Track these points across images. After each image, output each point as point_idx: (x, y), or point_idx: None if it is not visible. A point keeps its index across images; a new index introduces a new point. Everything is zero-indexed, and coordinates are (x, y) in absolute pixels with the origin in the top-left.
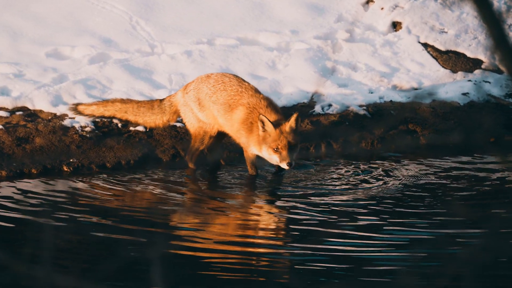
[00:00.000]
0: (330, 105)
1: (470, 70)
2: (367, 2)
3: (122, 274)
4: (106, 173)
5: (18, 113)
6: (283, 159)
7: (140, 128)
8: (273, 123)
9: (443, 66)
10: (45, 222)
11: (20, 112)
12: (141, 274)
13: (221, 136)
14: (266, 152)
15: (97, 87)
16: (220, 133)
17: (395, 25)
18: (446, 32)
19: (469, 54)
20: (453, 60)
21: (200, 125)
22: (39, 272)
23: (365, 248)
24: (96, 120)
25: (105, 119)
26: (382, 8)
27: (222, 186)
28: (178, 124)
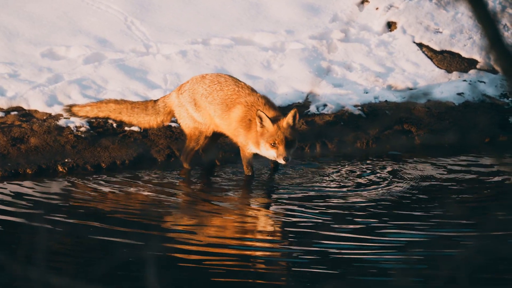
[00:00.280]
0: (325, 105)
1: (465, 70)
2: (362, 2)
3: (117, 276)
4: (101, 173)
5: (13, 113)
6: (280, 154)
7: (135, 128)
8: (271, 119)
9: (438, 66)
10: (39, 223)
11: (15, 112)
12: (136, 276)
13: (216, 137)
14: (264, 148)
15: (92, 87)
16: (215, 134)
17: (390, 25)
18: (441, 32)
19: (464, 54)
20: (448, 60)
21: (196, 126)
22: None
23: (362, 250)
24: (91, 120)
25: (100, 119)
26: (377, 8)
27: (218, 187)
28: (173, 124)
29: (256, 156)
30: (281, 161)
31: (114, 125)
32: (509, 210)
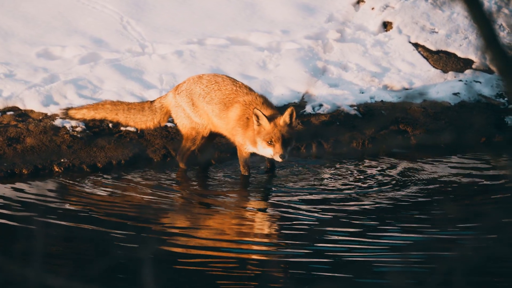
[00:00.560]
0: (321, 105)
1: (461, 70)
2: (358, 2)
3: (113, 275)
4: (97, 173)
5: (9, 113)
6: (277, 152)
7: (131, 128)
8: (268, 117)
9: (434, 66)
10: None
11: (11, 112)
12: (132, 275)
13: (213, 137)
14: (261, 146)
15: (88, 87)
16: (212, 134)
17: (386, 25)
18: (437, 32)
19: (460, 54)
20: (444, 60)
21: (193, 126)
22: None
23: (360, 250)
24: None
25: (97, 121)
26: (373, 8)
27: (214, 187)
28: (169, 124)
29: (253, 157)
30: (278, 159)
31: (110, 125)
32: (506, 211)
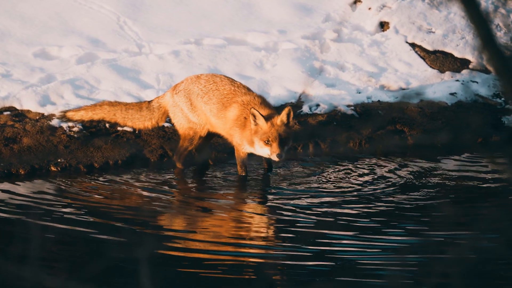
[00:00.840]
0: (318, 105)
1: (458, 70)
2: (355, 2)
3: (110, 275)
4: (94, 173)
5: (6, 113)
6: (274, 151)
7: (128, 128)
8: (265, 117)
9: (431, 66)
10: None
11: (8, 112)
12: (129, 275)
13: (210, 137)
14: (258, 145)
15: (85, 87)
16: (209, 134)
17: (383, 25)
18: (434, 32)
19: (457, 54)
20: (441, 60)
21: (190, 126)
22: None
23: (358, 251)
24: None
25: (95, 122)
26: (370, 8)
27: (211, 187)
28: (166, 124)
29: (250, 157)
30: (275, 158)
31: (107, 125)
32: (503, 211)
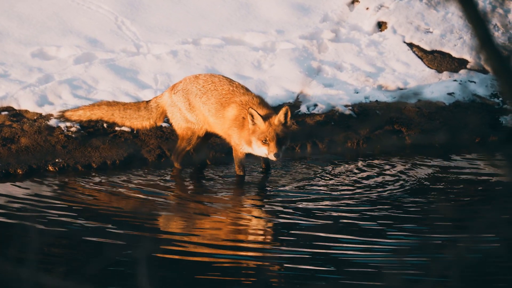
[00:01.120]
0: (316, 105)
1: (456, 70)
2: (353, 2)
3: (108, 277)
4: (92, 173)
5: (4, 113)
6: (271, 151)
7: (126, 128)
8: (262, 116)
9: (429, 66)
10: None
11: (6, 112)
12: (127, 277)
13: (208, 137)
14: (256, 145)
15: (83, 87)
16: (208, 134)
17: (380, 25)
18: (432, 32)
19: (455, 54)
20: (439, 60)
21: (188, 126)
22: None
23: (357, 251)
24: None
25: (93, 122)
26: (368, 8)
27: (209, 187)
28: (164, 124)
29: (248, 157)
30: (272, 158)
31: (105, 125)
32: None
